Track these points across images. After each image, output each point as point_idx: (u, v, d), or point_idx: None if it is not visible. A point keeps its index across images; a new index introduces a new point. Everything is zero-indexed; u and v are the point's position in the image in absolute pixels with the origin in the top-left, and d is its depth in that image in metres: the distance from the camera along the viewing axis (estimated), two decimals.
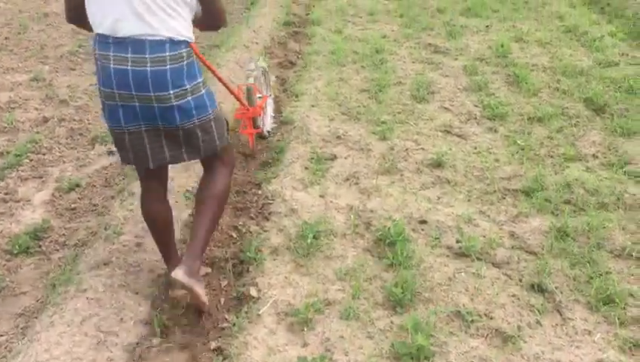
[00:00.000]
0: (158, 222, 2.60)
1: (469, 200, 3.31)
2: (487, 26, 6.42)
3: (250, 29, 6.34)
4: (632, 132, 3.93)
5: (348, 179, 3.57)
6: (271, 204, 3.34)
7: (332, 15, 7.24)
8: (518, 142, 3.91)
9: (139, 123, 2.28)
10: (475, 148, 3.89)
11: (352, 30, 6.61)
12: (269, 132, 4.31)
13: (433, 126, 4.24)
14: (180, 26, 2.22)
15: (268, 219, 3.21)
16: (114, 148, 2.69)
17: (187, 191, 3.47)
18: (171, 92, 2.21)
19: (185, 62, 2.25)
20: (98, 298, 2.57)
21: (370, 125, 4.28)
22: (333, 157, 3.83)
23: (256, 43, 6.06)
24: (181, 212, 3.25)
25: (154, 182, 2.56)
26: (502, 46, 5.64)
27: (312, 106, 4.66)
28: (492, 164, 3.65)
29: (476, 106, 4.51)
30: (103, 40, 2.19)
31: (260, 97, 4.04)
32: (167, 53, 2.19)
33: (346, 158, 3.81)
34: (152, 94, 2.20)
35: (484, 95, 4.69)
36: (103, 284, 2.63)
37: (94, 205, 3.50)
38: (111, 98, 2.24)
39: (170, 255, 2.68)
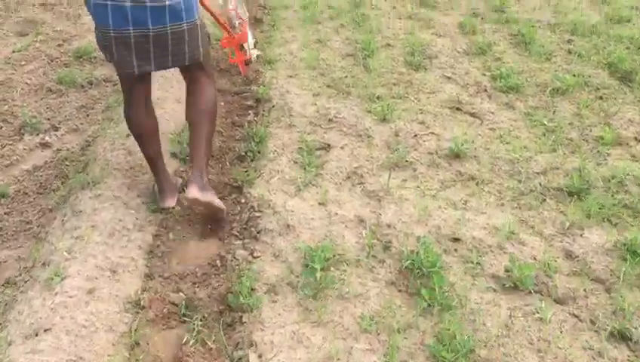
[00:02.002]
0: (147, 132, 2.60)
1: (502, 205, 2.70)
2: None
3: None
4: None
5: (350, 177, 2.90)
6: (259, 216, 2.63)
7: None
8: (544, 121, 3.30)
9: (128, 27, 2.26)
10: (494, 130, 3.26)
11: None
12: (257, 56, 4.07)
13: (438, 101, 3.57)
14: None
15: (257, 239, 2.51)
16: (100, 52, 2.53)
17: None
18: None
19: None
20: None
21: (363, 101, 3.57)
22: (327, 147, 3.13)
23: None
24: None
25: (139, 91, 2.54)
26: None
27: (290, 77, 3.90)
28: (520, 153, 3.03)
29: (484, 75, 3.86)
30: None
31: (240, 22, 3.90)
32: None
33: (342, 148, 3.12)
34: None
35: (489, 60, 4.03)
36: None
37: (27, 223, 2.71)
38: None
39: (159, 167, 2.67)
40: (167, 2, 2.26)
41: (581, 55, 4.02)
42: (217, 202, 2.50)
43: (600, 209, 2.59)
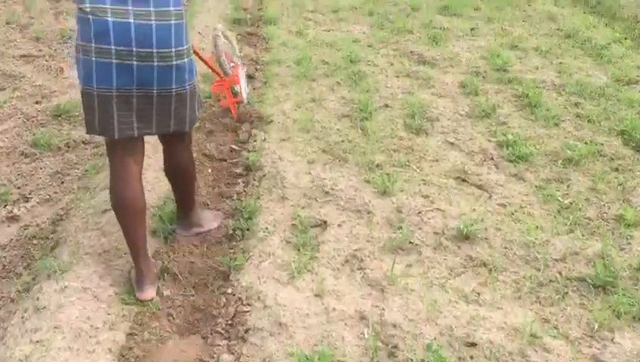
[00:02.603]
0: (132, 207, 2.35)
1: (519, 298, 2.41)
2: (472, 29, 5.55)
3: (195, 31, 5.21)
4: None
5: (348, 261, 2.61)
6: (247, 311, 2.33)
7: (289, 11, 6.20)
8: (558, 196, 3.05)
9: (131, 86, 2.13)
10: (505, 206, 3.00)
11: (316, 31, 5.60)
12: (247, 100, 4.04)
13: (442, 171, 3.32)
14: None
15: (245, 340, 2.20)
16: (84, 116, 2.26)
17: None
18: (173, 49, 2.14)
19: (183, 21, 2.18)
20: None
21: (362, 170, 3.32)
22: (323, 224, 2.85)
23: (203, 49, 4.95)
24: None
25: (131, 162, 2.33)
26: (498, 56, 4.78)
27: (283, 140, 3.65)
28: (535, 235, 2.77)
29: (489, 141, 3.63)
30: None
31: (232, 65, 3.87)
32: (172, 8, 2.12)
33: (340, 226, 2.84)
34: (155, 50, 2.09)
35: (494, 124, 3.81)
36: None
37: None
38: (105, 55, 2.07)
39: (139, 248, 2.39)
40: (174, 62, 2.16)
41: (591, 120, 3.81)
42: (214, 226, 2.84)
43: (630, 306, 2.31)
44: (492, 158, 3.45)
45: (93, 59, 2.08)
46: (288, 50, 5.08)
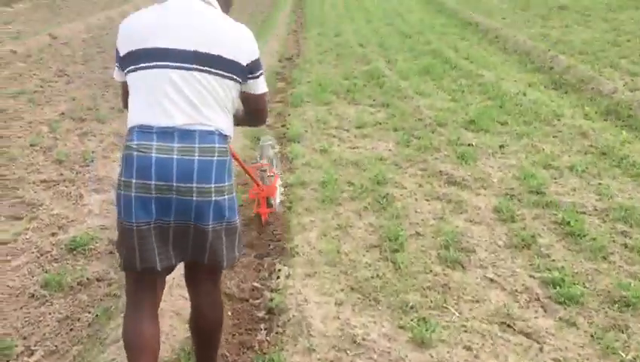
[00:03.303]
0: (147, 352, 2.17)
1: None
2: (501, 146, 5.39)
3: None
4: None
5: None
6: None
7: (313, 128, 6.15)
8: (619, 351, 2.72)
9: (169, 218, 2.08)
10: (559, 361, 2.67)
11: (340, 149, 5.50)
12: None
13: (484, 314, 3.02)
14: (228, 121, 2.19)
15: None
16: (123, 254, 2.19)
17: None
18: (213, 185, 2.09)
19: (227, 158, 2.16)
20: None
21: (395, 313, 3.04)
22: None
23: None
24: None
25: (148, 293, 2.23)
26: (531, 176, 4.58)
27: (308, 276, 3.41)
28: None
29: (532, 277, 3.34)
30: (145, 130, 2.06)
31: (272, 176, 4.06)
32: (216, 145, 2.10)
33: None
34: (194, 185, 2.05)
35: (535, 257, 3.53)
36: None
37: None
38: (145, 190, 2.05)
39: None
40: (212, 198, 2.09)
41: None
42: None
43: None
44: (538, 299, 3.15)
45: (135, 194, 2.05)
46: (313, 171, 4.95)
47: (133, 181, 2.04)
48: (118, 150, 5.54)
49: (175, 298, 3.12)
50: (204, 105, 2.08)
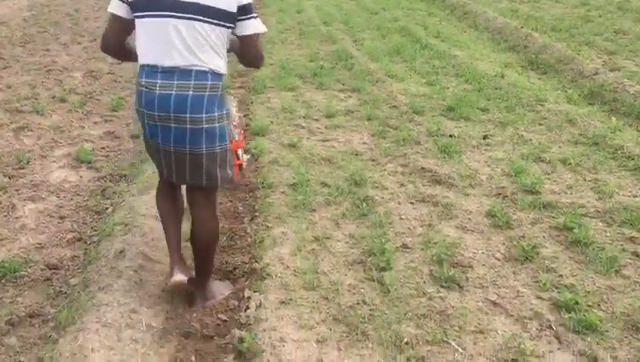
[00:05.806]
0: (168, 216, 2.97)
1: None
2: (485, 137, 4.96)
3: None
4: None
5: None
6: None
7: (279, 118, 5.60)
8: None
9: (169, 144, 2.63)
10: None
11: (311, 143, 4.97)
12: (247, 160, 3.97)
13: (492, 350, 2.59)
14: (221, 62, 2.63)
15: None
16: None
17: None
18: (204, 115, 2.58)
19: (218, 93, 2.63)
20: None
21: (388, 352, 2.58)
22: None
23: None
24: None
25: (170, 186, 2.95)
26: (522, 172, 4.17)
27: (283, 304, 2.92)
28: None
29: (540, 298, 2.92)
30: (151, 70, 2.56)
31: (239, 132, 3.79)
32: (209, 82, 2.57)
33: None
34: (188, 115, 2.55)
35: (540, 272, 3.12)
36: None
37: None
38: (151, 118, 2.61)
39: (174, 246, 2.93)
40: (204, 125, 2.60)
41: None
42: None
43: None
44: (550, 326, 2.73)
45: (145, 121, 2.64)
46: (281, 170, 4.42)
47: (144, 111, 2.60)
48: (59, 148, 4.89)
49: None
50: (201, 50, 2.54)
